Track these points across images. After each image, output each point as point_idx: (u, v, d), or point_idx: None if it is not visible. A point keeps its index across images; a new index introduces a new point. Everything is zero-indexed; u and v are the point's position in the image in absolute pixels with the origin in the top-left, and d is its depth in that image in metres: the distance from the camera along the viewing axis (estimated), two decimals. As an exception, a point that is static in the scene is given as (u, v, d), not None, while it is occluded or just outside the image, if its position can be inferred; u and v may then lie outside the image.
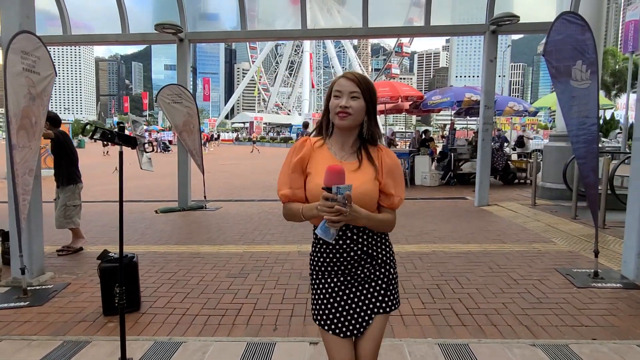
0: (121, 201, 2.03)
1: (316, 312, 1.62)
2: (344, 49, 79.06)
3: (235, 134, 60.69)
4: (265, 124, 62.83)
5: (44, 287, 3.93)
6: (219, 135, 53.81)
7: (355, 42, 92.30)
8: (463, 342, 2.77)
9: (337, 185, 1.31)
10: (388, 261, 1.62)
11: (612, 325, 3.02)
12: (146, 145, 2.29)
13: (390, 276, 1.62)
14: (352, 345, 1.60)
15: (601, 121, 25.50)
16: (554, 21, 4.16)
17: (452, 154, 11.39)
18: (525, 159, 12.68)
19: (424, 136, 13.68)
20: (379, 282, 1.59)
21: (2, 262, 4.48)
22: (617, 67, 43.92)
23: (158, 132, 39.64)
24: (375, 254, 1.59)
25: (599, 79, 4.05)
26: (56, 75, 4.12)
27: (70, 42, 8.15)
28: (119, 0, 7.48)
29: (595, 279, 3.92)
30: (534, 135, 26.19)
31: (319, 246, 1.59)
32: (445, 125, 15.44)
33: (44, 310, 3.43)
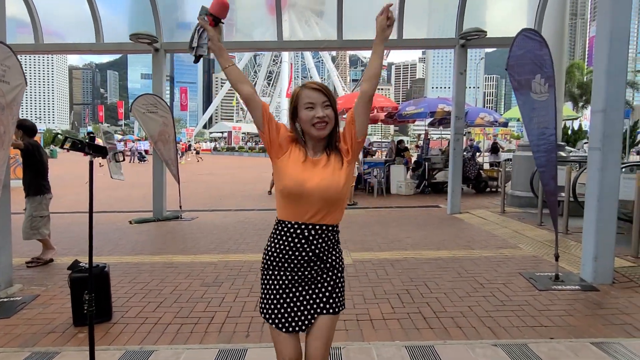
0: (91, 208, 2.07)
1: (263, 305, 1.71)
2: (322, 60, 79.83)
3: (213, 144, 60.23)
4: (244, 133, 62.57)
5: (11, 299, 3.86)
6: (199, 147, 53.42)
7: (334, 53, 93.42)
8: (429, 343, 2.88)
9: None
10: (336, 265, 1.71)
11: (569, 325, 3.19)
12: (117, 155, 2.32)
13: (337, 279, 1.70)
14: (297, 341, 1.69)
15: (570, 131, 26.55)
16: (515, 37, 4.41)
17: (427, 164, 11.67)
18: (496, 168, 13.08)
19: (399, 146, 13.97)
20: (325, 284, 1.68)
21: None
22: (584, 79, 45.77)
23: (134, 142, 38.94)
24: (325, 257, 1.68)
25: (556, 92, 4.29)
26: (26, 85, 4.09)
27: (42, 51, 8.03)
28: (93, 8, 7.44)
29: (556, 282, 4.11)
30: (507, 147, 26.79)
31: (274, 242, 1.68)
32: (420, 135, 15.78)
33: (12, 322, 3.37)
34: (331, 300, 1.67)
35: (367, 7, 8.55)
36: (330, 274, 1.69)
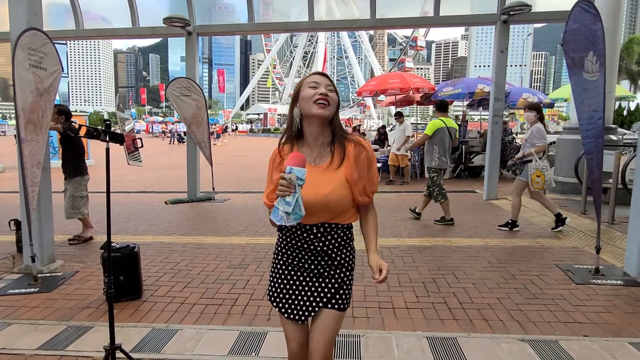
0: (108, 193, 2.12)
1: (269, 290, 1.72)
2: (359, 40, 78.23)
3: (249, 126, 61.08)
4: (280, 115, 62.90)
5: (53, 274, 4.10)
6: (236, 127, 54.38)
7: (372, 32, 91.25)
8: (452, 335, 2.80)
9: (291, 166, 1.37)
10: (346, 264, 1.66)
11: (607, 322, 3.00)
12: (136, 142, 2.36)
13: (345, 278, 1.65)
14: (304, 331, 1.67)
15: (625, 112, 24.64)
16: (571, 9, 4.04)
17: (463, 147, 11.26)
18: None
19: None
20: (332, 280, 1.63)
21: (16, 249, 4.69)
22: (645, 54, 42.19)
23: (173, 124, 40.12)
24: (334, 255, 1.63)
25: (608, 70, 3.95)
26: (63, 71, 4.23)
27: (82, 37, 8.31)
28: (129, -7, 7.57)
29: (596, 275, 3.87)
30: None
31: (284, 231, 1.65)
32: (458, 116, 15.21)
33: (52, 296, 3.58)
34: (337, 296, 1.62)
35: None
36: (337, 271, 1.64)
